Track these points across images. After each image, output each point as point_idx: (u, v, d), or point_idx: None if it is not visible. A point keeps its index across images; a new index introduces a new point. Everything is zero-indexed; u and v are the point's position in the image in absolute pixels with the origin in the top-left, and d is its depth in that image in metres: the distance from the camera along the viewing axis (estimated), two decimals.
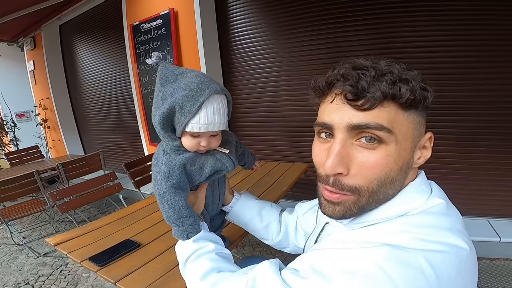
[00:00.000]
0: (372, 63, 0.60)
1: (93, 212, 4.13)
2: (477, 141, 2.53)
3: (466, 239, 0.55)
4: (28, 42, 5.63)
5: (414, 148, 0.60)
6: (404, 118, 0.57)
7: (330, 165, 0.58)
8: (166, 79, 0.81)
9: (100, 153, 3.97)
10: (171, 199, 0.85)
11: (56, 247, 1.43)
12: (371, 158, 0.57)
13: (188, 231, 0.86)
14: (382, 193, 0.60)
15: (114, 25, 4.33)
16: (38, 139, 6.03)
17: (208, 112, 0.80)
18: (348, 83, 0.57)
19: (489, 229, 2.50)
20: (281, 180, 2.20)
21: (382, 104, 0.56)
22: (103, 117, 5.23)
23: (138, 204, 1.93)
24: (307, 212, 1.05)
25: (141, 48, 3.68)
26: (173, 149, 0.87)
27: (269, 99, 3.25)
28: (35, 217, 4.05)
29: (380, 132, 0.56)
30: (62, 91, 5.67)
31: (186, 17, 3.24)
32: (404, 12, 2.52)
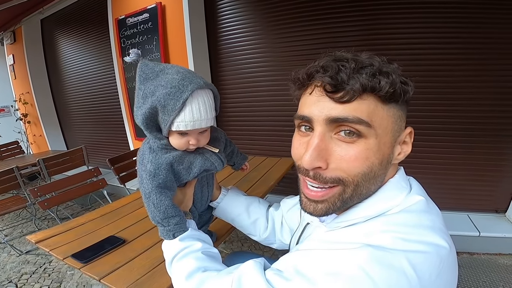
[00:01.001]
0: (353, 55, 0.59)
1: (77, 209, 4.05)
2: (457, 137, 2.57)
3: (446, 237, 0.56)
4: (8, 36, 5.47)
5: (394, 143, 0.60)
6: (384, 111, 0.57)
7: (307, 159, 0.58)
8: (146, 76, 0.77)
9: (83, 148, 3.88)
10: (156, 198, 0.83)
11: (37, 244, 1.39)
12: (350, 152, 0.56)
13: (174, 231, 0.84)
14: (365, 188, 0.59)
15: (99, 19, 4.24)
16: (18, 134, 5.87)
17: (193, 108, 0.76)
18: (327, 74, 0.56)
19: (468, 224, 2.55)
20: (268, 174, 2.20)
21: (361, 97, 0.55)
22: (87, 111, 5.12)
23: (123, 200, 1.90)
24: (291, 209, 1.05)
25: (126, 42, 3.61)
26: (160, 147, 0.85)
27: (256, 94, 3.24)
28: (16, 214, 3.94)
29: (359, 126, 0.55)
30: (43, 86, 5.53)
31: (174, 11, 3.18)
32: (392, 8, 2.53)
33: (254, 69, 3.19)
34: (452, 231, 2.30)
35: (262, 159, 2.58)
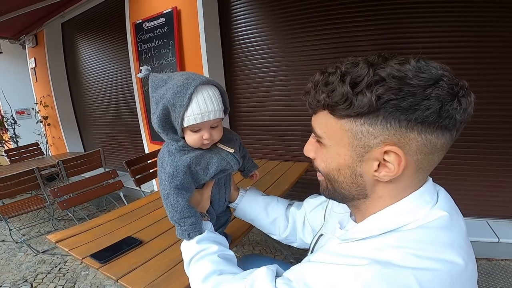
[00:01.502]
0: (336, 65, 0.59)
1: (92, 210, 4.13)
2: (475, 142, 2.53)
3: (463, 254, 0.54)
4: (30, 39, 5.62)
5: (356, 157, 0.59)
6: (337, 125, 0.59)
7: (304, 149, 0.71)
8: (156, 85, 0.86)
9: (100, 150, 3.97)
10: (174, 199, 0.87)
11: (57, 244, 1.42)
12: (318, 152, 0.68)
13: (189, 231, 0.88)
14: (336, 187, 0.67)
15: (117, 23, 4.34)
16: (38, 136, 6.02)
17: (199, 101, 0.81)
18: (305, 88, 0.64)
19: (487, 230, 2.51)
20: (282, 179, 2.20)
21: (318, 110, 0.62)
22: (104, 114, 5.22)
23: (138, 202, 1.93)
24: (315, 209, 1.05)
25: (143, 46, 3.67)
26: (178, 149, 0.89)
27: (270, 98, 3.25)
28: (34, 214, 4.03)
29: (316, 135, 0.65)
30: (63, 89, 5.66)
31: (189, 15, 3.23)
32: (409, 11, 2.52)
33: (268, 74, 3.20)
34: (471, 238, 2.24)
35: (276, 163, 2.58)
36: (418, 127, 0.53)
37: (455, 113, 0.53)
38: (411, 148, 0.55)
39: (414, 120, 0.52)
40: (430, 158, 0.58)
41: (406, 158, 0.55)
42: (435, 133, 0.54)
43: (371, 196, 0.63)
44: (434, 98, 0.51)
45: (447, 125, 0.54)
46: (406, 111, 0.52)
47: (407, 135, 0.54)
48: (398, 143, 0.55)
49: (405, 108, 0.52)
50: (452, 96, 0.52)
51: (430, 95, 0.51)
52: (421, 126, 0.53)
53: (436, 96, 0.51)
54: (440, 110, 0.51)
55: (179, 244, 0.94)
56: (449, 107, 0.52)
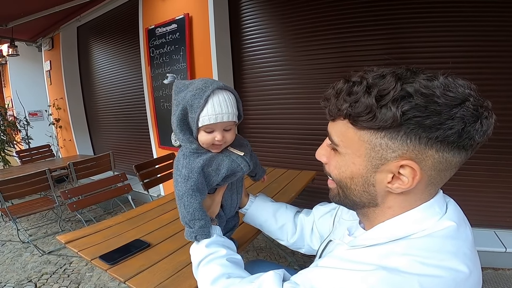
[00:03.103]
0: (362, 74, 0.59)
1: (100, 212, 4.18)
2: (483, 153, 2.49)
3: (468, 262, 0.55)
4: (46, 42, 5.75)
5: (372, 167, 0.60)
6: (356, 135, 0.59)
7: (316, 151, 0.73)
8: (178, 90, 0.92)
9: (110, 154, 4.02)
10: (187, 200, 0.90)
11: (66, 245, 1.45)
12: (331, 158, 0.69)
13: (197, 233, 0.90)
14: (347, 194, 0.67)
15: (130, 28, 4.41)
16: (49, 138, 6.13)
17: (214, 103, 0.87)
18: (325, 95, 0.65)
19: (495, 240, 2.50)
20: (288, 186, 2.20)
21: (338, 118, 0.62)
22: (114, 118, 5.29)
23: (147, 205, 1.95)
24: (324, 216, 1.06)
25: (155, 52, 3.72)
26: (191, 152, 0.93)
27: (278, 106, 3.26)
28: (42, 215, 4.08)
29: (332, 142, 0.66)
30: (75, 92, 5.76)
31: (200, 22, 3.28)
32: (419, 17, 2.53)
33: (276, 80, 3.22)
34: (478, 247, 2.21)
35: (283, 171, 2.59)
36: (438, 145, 0.54)
37: (475, 134, 0.53)
38: (426, 164, 0.56)
39: (435, 138, 0.53)
40: (443, 174, 0.59)
41: (421, 173, 0.56)
42: (452, 151, 0.55)
43: (381, 205, 0.65)
44: (458, 119, 0.51)
45: (465, 145, 0.54)
46: (429, 129, 0.52)
47: (425, 151, 0.55)
48: (415, 159, 0.55)
49: (428, 126, 0.52)
50: (476, 117, 0.52)
51: (455, 115, 0.51)
52: (440, 144, 0.54)
53: (461, 116, 0.51)
54: (462, 130, 0.52)
55: (186, 248, 0.98)
56: (471, 128, 0.52)
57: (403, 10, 2.58)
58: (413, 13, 2.55)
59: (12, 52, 5.13)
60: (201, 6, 3.23)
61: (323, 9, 2.88)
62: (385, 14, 2.64)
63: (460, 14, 2.42)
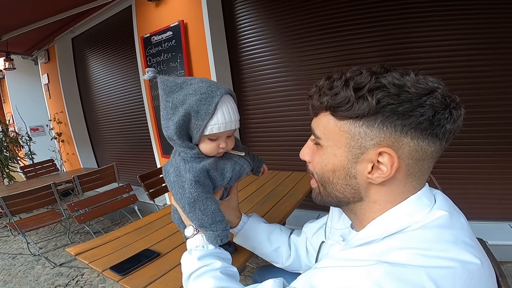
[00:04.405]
0: (342, 72, 0.63)
1: (107, 223, 4.19)
2: (496, 145, 2.51)
3: (474, 251, 0.54)
4: (42, 55, 5.73)
5: (352, 157, 0.62)
6: (336, 126, 0.63)
7: (300, 151, 0.77)
8: (170, 89, 0.84)
9: (114, 165, 4.05)
10: (203, 204, 0.86)
11: (77, 257, 1.45)
12: (314, 155, 0.71)
13: (222, 236, 0.87)
14: (329, 191, 0.69)
15: (126, 37, 4.42)
16: (52, 152, 6.14)
17: (224, 111, 0.83)
18: (309, 92, 0.69)
19: (511, 233, 2.46)
20: (295, 189, 2.20)
21: (320, 112, 0.67)
22: (116, 130, 5.31)
23: (153, 215, 1.96)
24: (317, 232, 1.04)
25: (152, 60, 3.74)
26: (193, 157, 0.88)
27: (279, 109, 3.27)
28: (51, 228, 4.10)
29: (315, 136, 0.69)
30: (75, 105, 5.77)
31: (196, 28, 3.29)
32: (413, 18, 2.55)
33: (276, 83, 3.23)
34: (495, 241, 2.22)
35: (288, 173, 2.58)
36: (412, 133, 0.57)
37: (445, 123, 0.57)
38: (403, 152, 0.59)
39: (409, 125, 0.57)
40: (420, 164, 0.61)
41: (398, 160, 0.59)
42: (426, 140, 0.58)
43: (365, 199, 0.66)
44: (428, 106, 0.56)
45: (437, 133, 0.58)
46: (402, 116, 0.56)
47: (401, 139, 0.58)
48: (392, 146, 0.58)
49: (401, 113, 0.56)
50: (444, 106, 0.57)
51: (425, 102, 0.56)
52: (414, 131, 0.57)
53: (430, 104, 0.56)
54: (432, 117, 0.56)
55: None
56: (441, 116, 0.56)
57: (396, 9, 2.60)
58: (406, 12, 2.57)
59: (9, 66, 5.10)
60: (195, 12, 3.25)
61: (319, 11, 2.91)
62: (379, 14, 2.66)
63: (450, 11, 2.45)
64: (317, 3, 2.90)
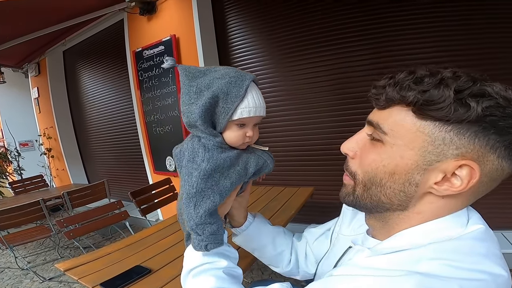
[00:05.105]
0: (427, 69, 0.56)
1: (98, 238, 4.13)
2: None
3: (502, 264, 0.52)
4: (32, 68, 5.66)
5: (423, 163, 0.54)
6: (414, 125, 0.54)
7: (342, 144, 0.67)
8: (193, 75, 0.78)
9: (105, 182, 4.00)
10: (201, 200, 0.76)
11: (66, 272, 1.44)
12: (366, 151, 0.62)
13: (207, 241, 0.76)
14: (373, 193, 0.61)
15: (117, 51, 4.40)
16: (42, 168, 6.05)
17: (253, 95, 0.78)
18: (378, 83, 0.60)
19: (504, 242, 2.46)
20: (288, 204, 2.21)
21: (394, 106, 0.57)
22: (107, 145, 5.25)
23: (146, 231, 1.94)
24: (319, 238, 1.00)
25: (144, 75, 3.73)
26: (216, 145, 0.79)
27: (272, 124, 3.28)
28: (40, 242, 4.05)
29: (376, 131, 0.59)
30: (66, 120, 5.71)
31: (187, 43, 3.31)
32: (405, 31, 2.62)
33: (268, 98, 3.24)
34: None
35: (281, 189, 2.59)
36: (501, 151, 0.52)
37: None
38: (484, 169, 0.53)
39: (503, 142, 0.51)
40: (491, 184, 0.56)
41: (480, 177, 0.52)
42: (510, 160, 0.53)
43: (410, 209, 0.60)
44: None
45: None
46: (500, 131, 0.50)
47: (488, 155, 0.52)
48: (477, 160, 0.52)
49: (501, 128, 0.50)
50: None
51: None
52: (504, 150, 0.52)
53: None
54: None
55: None
56: None
57: (389, 19, 2.66)
58: (399, 23, 2.63)
59: None
60: (187, 27, 3.27)
61: (311, 25, 2.94)
62: (370, 26, 2.71)
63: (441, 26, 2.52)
64: (309, 17, 2.94)
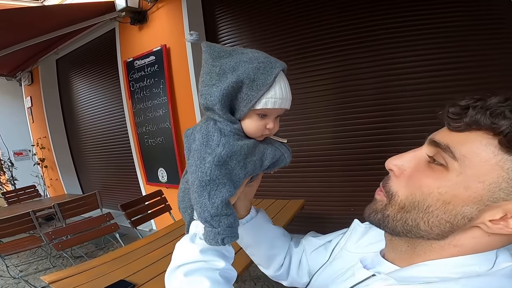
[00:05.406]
0: None
1: (91, 248, 4.12)
2: None
3: None
4: (25, 77, 5.63)
5: (488, 199, 0.48)
6: (494, 158, 0.47)
7: (389, 159, 0.59)
8: (218, 54, 0.71)
9: (96, 193, 4.00)
10: (216, 189, 0.69)
11: (51, 285, 1.44)
12: (420, 173, 0.54)
13: (224, 235, 0.68)
14: (411, 218, 0.54)
15: (109, 60, 4.36)
16: (35, 178, 6.01)
17: (281, 86, 0.72)
18: (460, 103, 0.53)
19: None
20: (278, 216, 2.22)
21: (475, 131, 0.50)
22: (101, 156, 5.21)
23: (135, 243, 1.95)
24: (318, 249, 0.93)
25: (135, 86, 3.71)
26: (232, 131, 0.73)
27: None
28: (32, 252, 4.05)
29: (443, 154, 0.52)
30: (59, 130, 5.67)
31: (178, 53, 3.31)
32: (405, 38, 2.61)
33: None
34: None
35: (271, 201, 2.60)
36: None
37: None
38: None
39: None
40: None
41: None
42: None
43: (447, 240, 0.54)
44: None
45: None
46: None
47: None
48: None
49: None
50: None
51: None
52: None
53: None
54: None
55: None
56: None
57: (386, 29, 2.65)
58: (395, 32, 2.63)
59: None
60: (178, 36, 3.28)
61: (302, 36, 2.94)
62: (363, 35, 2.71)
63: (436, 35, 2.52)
64: (301, 28, 2.94)
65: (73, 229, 2.71)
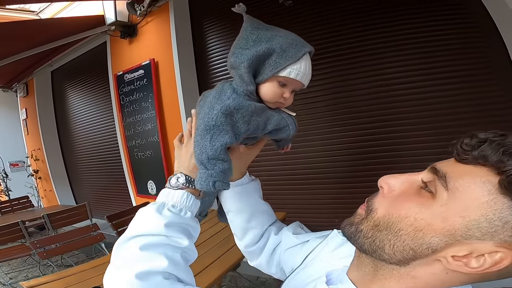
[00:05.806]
0: None
1: (82, 257, 4.19)
2: None
3: None
4: (21, 88, 5.71)
5: (461, 236, 0.46)
6: (488, 196, 0.44)
7: (383, 177, 0.57)
8: (257, 26, 0.78)
9: (86, 204, 4.10)
10: (218, 134, 0.71)
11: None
12: (407, 197, 0.52)
13: (216, 178, 0.68)
14: (380, 238, 0.52)
15: (101, 73, 4.43)
16: (30, 189, 6.07)
17: (306, 63, 0.79)
18: (474, 138, 0.49)
19: None
20: None
21: (480, 166, 0.47)
22: (94, 168, 5.27)
23: None
24: (294, 248, 0.90)
25: (125, 100, 3.78)
26: (244, 92, 0.76)
27: None
28: (23, 260, 4.14)
29: (437, 182, 0.49)
30: (53, 142, 5.74)
31: (166, 67, 3.36)
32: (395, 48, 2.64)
33: None
34: None
35: None
36: None
37: None
38: None
39: None
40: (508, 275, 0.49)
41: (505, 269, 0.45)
42: None
43: (407, 269, 0.52)
44: None
45: None
46: None
47: None
48: None
49: None
50: None
51: None
52: None
53: None
54: None
55: None
56: None
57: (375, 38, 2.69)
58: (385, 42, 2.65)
59: None
60: (166, 50, 3.32)
61: None
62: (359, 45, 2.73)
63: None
64: None
65: (57, 239, 2.82)
